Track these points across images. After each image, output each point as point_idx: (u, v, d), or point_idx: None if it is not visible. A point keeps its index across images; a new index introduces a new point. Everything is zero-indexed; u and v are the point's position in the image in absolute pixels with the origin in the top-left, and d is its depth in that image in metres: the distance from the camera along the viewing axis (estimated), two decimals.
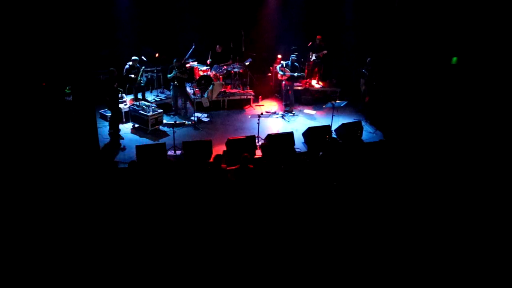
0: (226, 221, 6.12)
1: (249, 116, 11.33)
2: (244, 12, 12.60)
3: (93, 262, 5.67)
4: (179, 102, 11.47)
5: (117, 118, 9.87)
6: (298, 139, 9.85)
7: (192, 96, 10.91)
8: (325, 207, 6.58)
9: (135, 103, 10.55)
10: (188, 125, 10.62)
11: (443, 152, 8.74)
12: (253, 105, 12.15)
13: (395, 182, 7.32)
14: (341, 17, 12.97)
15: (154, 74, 12.00)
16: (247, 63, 12.06)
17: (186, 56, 11.69)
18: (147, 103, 10.54)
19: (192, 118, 10.86)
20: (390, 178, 7.41)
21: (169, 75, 10.80)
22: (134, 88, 11.24)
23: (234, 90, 12.06)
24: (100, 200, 6.31)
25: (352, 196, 6.85)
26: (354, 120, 10.59)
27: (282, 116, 11.41)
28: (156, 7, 12.08)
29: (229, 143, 8.96)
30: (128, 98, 11.04)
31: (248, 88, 12.33)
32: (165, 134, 10.14)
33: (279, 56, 12.76)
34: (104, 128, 10.00)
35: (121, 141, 9.69)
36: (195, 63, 11.91)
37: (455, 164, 8.13)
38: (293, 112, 11.66)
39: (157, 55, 11.78)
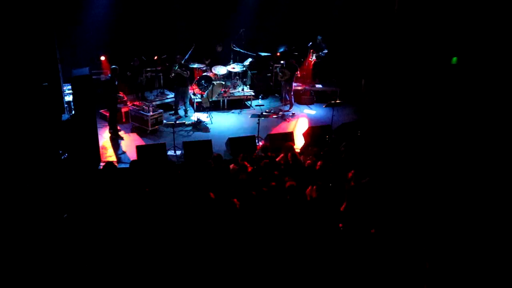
0: (226, 222, 6.11)
1: (249, 116, 11.33)
2: (244, 12, 12.60)
3: (93, 262, 5.66)
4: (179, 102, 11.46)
5: (117, 118, 9.87)
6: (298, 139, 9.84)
7: (192, 96, 10.90)
8: (323, 208, 6.57)
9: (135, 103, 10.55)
10: (188, 125, 10.63)
11: (443, 152, 8.74)
12: (253, 105, 12.15)
13: (394, 182, 7.31)
14: (341, 17, 12.97)
15: (154, 74, 11.98)
16: (247, 63, 12.06)
17: (186, 57, 11.68)
18: (147, 103, 10.54)
19: (192, 118, 10.86)
20: (389, 178, 7.39)
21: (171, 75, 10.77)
22: (133, 87, 11.24)
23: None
24: (100, 200, 6.30)
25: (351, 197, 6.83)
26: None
27: (282, 116, 11.41)
28: (155, 7, 12.07)
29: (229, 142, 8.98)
30: (129, 98, 11.05)
31: (248, 88, 12.33)
32: (165, 134, 10.14)
33: (278, 55, 12.76)
34: None
35: (120, 141, 9.70)
36: (196, 64, 11.84)
37: (454, 164, 8.13)
38: (293, 112, 11.66)
39: (155, 57, 11.74)
